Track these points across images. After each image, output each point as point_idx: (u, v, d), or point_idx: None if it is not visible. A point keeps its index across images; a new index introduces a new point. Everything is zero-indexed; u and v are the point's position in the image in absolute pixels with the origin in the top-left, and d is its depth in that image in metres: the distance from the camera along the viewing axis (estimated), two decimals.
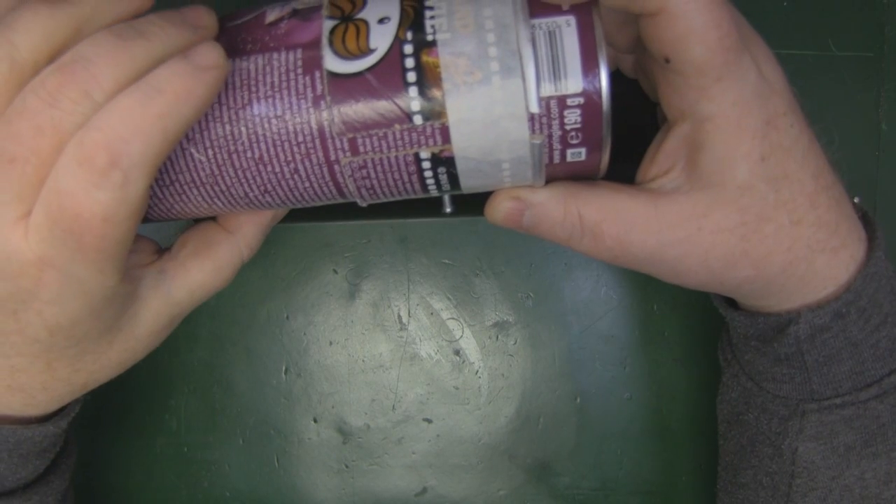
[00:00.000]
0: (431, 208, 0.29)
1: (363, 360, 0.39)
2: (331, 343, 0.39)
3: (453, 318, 0.39)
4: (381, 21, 0.23)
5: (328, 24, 0.24)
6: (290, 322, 0.39)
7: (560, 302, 0.39)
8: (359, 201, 0.26)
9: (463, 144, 0.23)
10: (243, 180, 0.24)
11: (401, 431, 0.40)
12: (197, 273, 0.26)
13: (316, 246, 0.39)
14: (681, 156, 0.23)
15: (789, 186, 0.22)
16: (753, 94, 0.21)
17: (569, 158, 0.24)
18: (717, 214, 0.22)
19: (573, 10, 0.22)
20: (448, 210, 0.27)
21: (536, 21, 0.22)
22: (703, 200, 0.22)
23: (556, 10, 0.22)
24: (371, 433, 0.40)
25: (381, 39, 0.23)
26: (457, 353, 0.39)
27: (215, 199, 0.25)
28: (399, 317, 0.39)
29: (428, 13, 0.23)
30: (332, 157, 0.24)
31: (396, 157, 0.24)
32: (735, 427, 0.30)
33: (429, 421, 0.40)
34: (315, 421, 0.40)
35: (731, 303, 0.28)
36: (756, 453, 0.28)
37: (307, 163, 0.24)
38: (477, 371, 0.39)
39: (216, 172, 0.24)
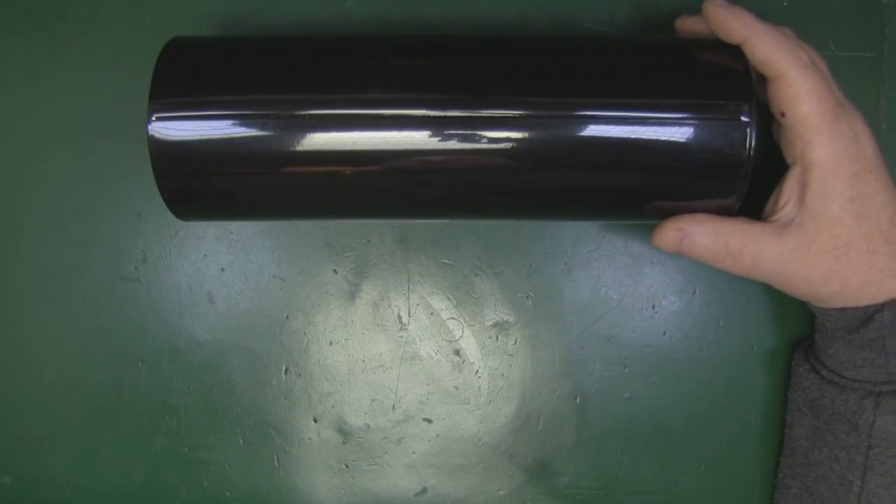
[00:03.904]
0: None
1: (363, 360, 0.39)
2: (331, 343, 0.39)
3: (453, 318, 0.39)
4: None
5: None
6: (290, 322, 0.39)
7: (560, 302, 0.39)
8: None
9: None
10: None
11: (401, 431, 0.40)
12: None
13: (316, 246, 0.39)
14: (794, 192, 0.30)
15: (869, 223, 0.30)
16: (846, 151, 0.29)
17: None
18: (818, 240, 0.30)
19: None
20: None
21: None
22: (810, 229, 0.30)
23: None
24: (371, 433, 0.40)
25: None
26: (457, 353, 0.39)
27: None
28: (399, 317, 0.39)
29: None
30: None
31: None
32: (808, 412, 0.35)
33: (429, 421, 0.40)
34: (315, 421, 0.40)
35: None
36: (832, 430, 0.33)
37: None
38: (477, 371, 0.39)
39: None
